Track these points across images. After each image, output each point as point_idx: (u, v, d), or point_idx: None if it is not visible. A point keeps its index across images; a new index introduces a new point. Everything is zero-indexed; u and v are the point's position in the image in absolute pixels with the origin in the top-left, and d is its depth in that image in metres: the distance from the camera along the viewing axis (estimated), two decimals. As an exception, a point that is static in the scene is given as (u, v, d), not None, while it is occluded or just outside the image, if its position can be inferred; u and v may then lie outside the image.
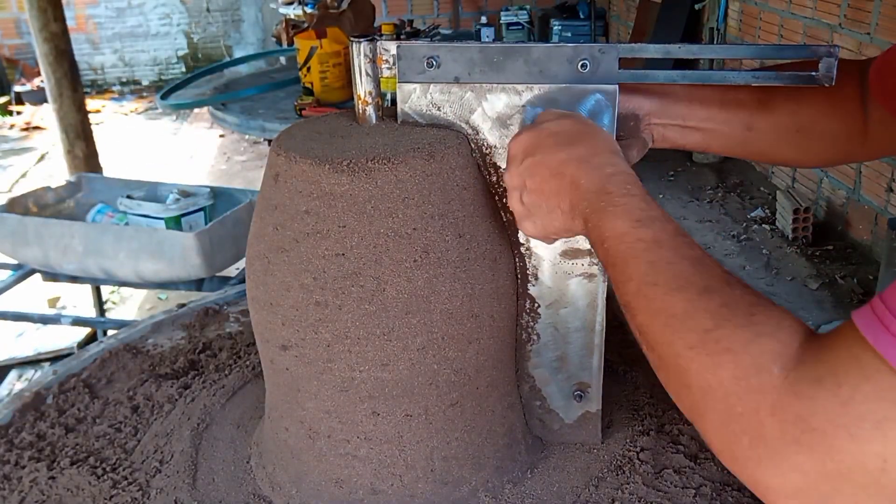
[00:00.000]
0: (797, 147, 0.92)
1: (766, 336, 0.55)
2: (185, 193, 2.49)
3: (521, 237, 0.89)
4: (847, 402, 0.48)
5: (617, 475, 0.91)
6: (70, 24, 4.29)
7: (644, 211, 0.66)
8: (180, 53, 8.44)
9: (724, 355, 0.55)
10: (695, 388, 0.57)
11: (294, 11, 5.14)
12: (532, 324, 0.92)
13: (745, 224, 4.12)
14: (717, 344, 0.56)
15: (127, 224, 2.43)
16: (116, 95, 8.07)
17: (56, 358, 3.08)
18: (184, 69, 8.33)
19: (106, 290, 3.46)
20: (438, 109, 0.86)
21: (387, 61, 0.86)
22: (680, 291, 0.60)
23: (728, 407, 0.54)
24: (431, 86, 0.85)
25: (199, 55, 8.41)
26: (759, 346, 0.54)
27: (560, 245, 0.88)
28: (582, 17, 6.73)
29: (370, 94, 0.88)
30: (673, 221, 0.66)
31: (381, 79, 0.88)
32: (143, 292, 3.64)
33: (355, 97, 0.89)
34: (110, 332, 2.10)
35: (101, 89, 8.22)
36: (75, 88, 4.12)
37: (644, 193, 0.69)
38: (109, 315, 3.38)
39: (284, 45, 4.23)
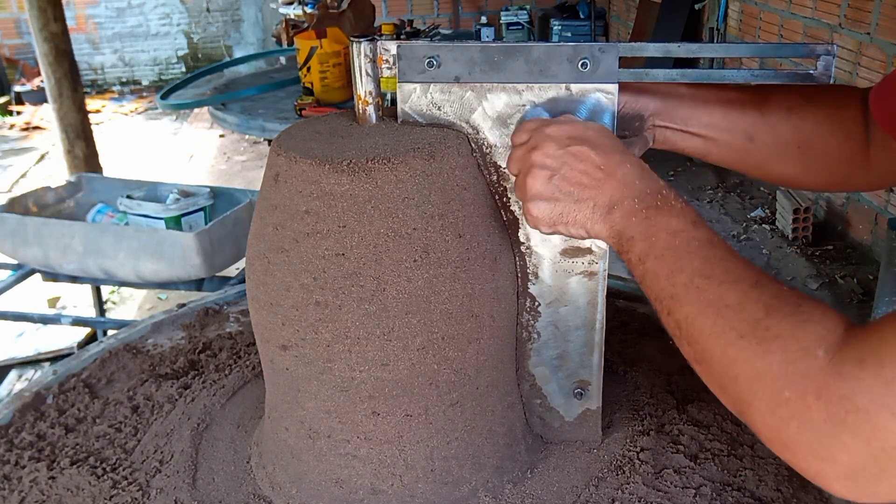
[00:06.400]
0: (797, 164, 0.92)
1: (812, 322, 0.57)
2: (185, 193, 2.48)
3: (522, 236, 0.89)
4: (890, 381, 0.50)
5: (617, 475, 0.91)
6: (70, 24, 4.28)
7: (698, 217, 0.71)
8: (180, 53, 8.43)
9: (773, 342, 0.58)
10: (742, 378, 0.59)
11: (294, 11, 5.14)
12: (532, 322, 0.92)
13: (745, 224, 4.12)
14: (767, 331, 0.59)
15: (127, 224, 2.43)
16: (116, 95, 8.07)
17: (56, 358, 3.08)
18: (184, 69, 8.33)
19: (106, 290, 3.46)
20: (438, 109, 0.86)
21: (387, 61, 0.86)
22: (734, 284, 0.63)
23: (776, 392, 0.56)
24: (431, 85, 0.85)
25: (199, 55, 8.41)
26: (805, 331, 0.57)
27: (560, 244, 0.88)
28: (582, 17, 6.73)
29: (370, 94, 0.88)
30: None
31: (381, 79, 0.88)
32: (143, 292, 3.64)
33: (355, 97, 0.89)
34: (110, 332, 2.09)
35: (101, 89, 8.22)
36: (75, 88, 4.11)
37: (694, 209, 0.72)
38: (109, 315, 3.38)
39: (284, 45, 4.23)
